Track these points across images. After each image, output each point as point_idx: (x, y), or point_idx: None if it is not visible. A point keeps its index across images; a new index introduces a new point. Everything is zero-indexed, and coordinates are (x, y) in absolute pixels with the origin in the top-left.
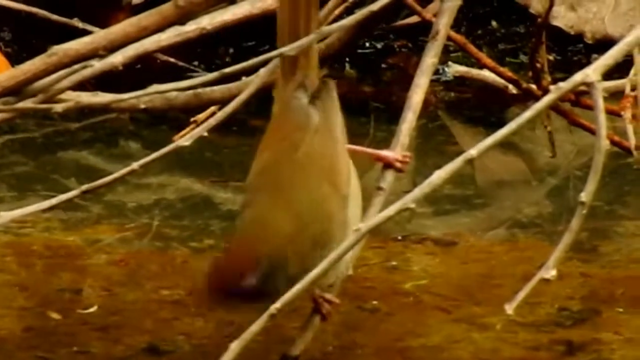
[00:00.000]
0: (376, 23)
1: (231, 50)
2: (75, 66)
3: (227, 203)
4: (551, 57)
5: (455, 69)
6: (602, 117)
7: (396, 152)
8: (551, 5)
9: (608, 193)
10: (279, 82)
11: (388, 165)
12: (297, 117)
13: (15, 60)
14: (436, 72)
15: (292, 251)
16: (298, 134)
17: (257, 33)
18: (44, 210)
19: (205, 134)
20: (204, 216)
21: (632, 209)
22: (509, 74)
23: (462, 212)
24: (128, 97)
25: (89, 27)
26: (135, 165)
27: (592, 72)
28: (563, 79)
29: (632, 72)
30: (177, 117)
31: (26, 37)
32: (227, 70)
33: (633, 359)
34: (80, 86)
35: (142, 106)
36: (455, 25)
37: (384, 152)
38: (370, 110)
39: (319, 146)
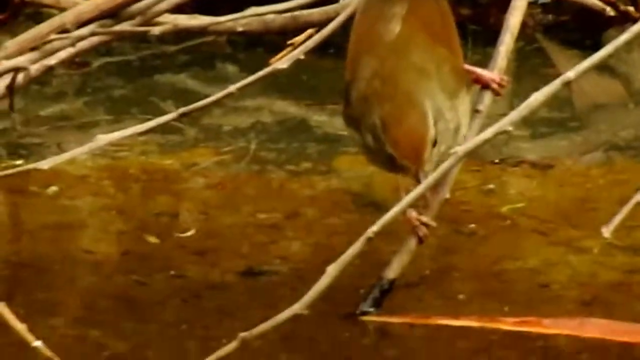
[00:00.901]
0: None
1: None
2: None
3: (323, 126)
4: None
5: None
6: None
7: (494, 74)
8: None
9: None
10: None
11: (485, 86)
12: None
13: None
14: None
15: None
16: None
17: None
18: (141, 134)
19: (302, 56)
20: (300, 139)
21: None
22: None
23: (558, 135)
24: (225, 20)
25: None
26: (232, 88)
27: None
28: None
29: None
30: (273, 40)
31: None
32: None
33: None
34: (178, 9)
35: (240, 29)
36: None
37: (483, 72)
38: (467, 32)
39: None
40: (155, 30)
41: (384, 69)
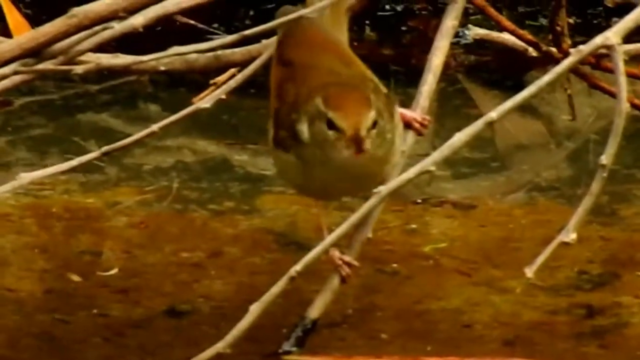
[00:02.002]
0: None
1: (251, 13)
2: (96, 28)
3: (245, 165)
4: (571, 20)
5: (475, 31)
6: (623, 80)
7: (417, 114)
8: None
9: (627, 156)
10: None
11: (408, 126)
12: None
13: (35, 22)
14: (456, 34)
15: None
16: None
17: None
18: (63, 172)
19: (223, 96)
20: (222, 178)
21: None
22: (529, 36)
23: (481, 176)
24: (148, 59)
25: None
26: (154, 127)
27: (612, 35)
28: (583, 42)
29: None
30: (195, 79)
31: None
32: (247, 32)
33: None
34: (101, 48)
35: (162, 68)
36: None
37: (405, 112)
38: (390, 73)
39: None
40: (78, 69)
41: (309, 80)
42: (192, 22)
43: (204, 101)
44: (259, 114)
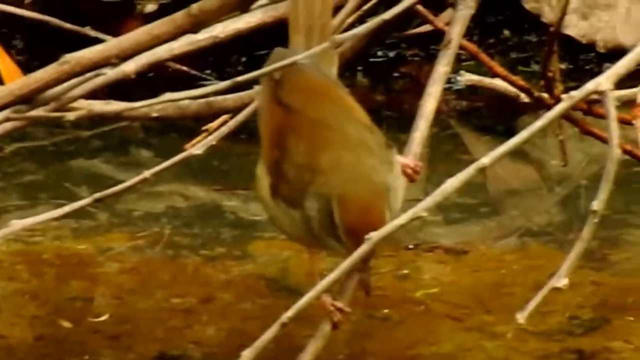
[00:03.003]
0: (388, 32)
1: (243, 59)
2: (88, 74)
3: (236, 211)
4: (563, 66)
5: (467, 77)
6: (614, 126)
7: (409, 160)
8: (563, 14)
9: (618, 202)
10: None
11: None
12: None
13: (27, 68)
14: (448, 80)
15: None
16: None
17: (270, 41)
18: (55, 219)
19: (214, 142)
20: (213, 224)
21: None
22: (521, 82)
23: (472, 221)
24: (140, 106)
25: (101, 36)
26: (147, 173)
27: (604, 81)
28: (575, 88)
29: None
30: (187, 125)
31: (38, 46)
32: (240, 78)
33: None
34: (93, 95)
35: (155, 114)
36: (468, 34)
37: (397, 158)
38: (382, 118)
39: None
40: (70, 115)
41: (320, 141)
42: (184, 68)
43: (196, 147)
44: (250, 159)
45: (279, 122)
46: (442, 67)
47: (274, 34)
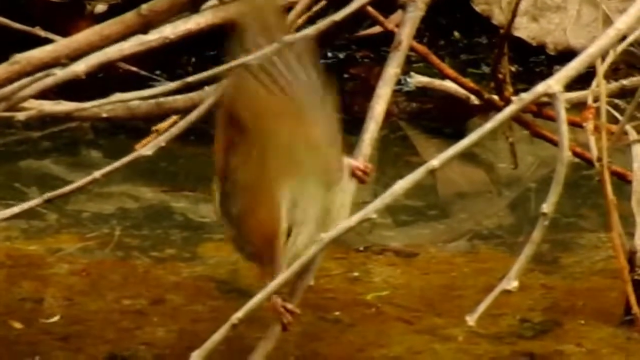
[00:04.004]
0: (338, 33)
1: (193, 60)
2: (38, 74)
3: (186, 212)
4: (513, 68)
5: (417, 79)
6: (565, 128)
7: (359, 162)
8: (513, 17)
9: (569, 205)
10: None
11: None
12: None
13: None
14: (398, 82)
15: None
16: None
17: (219, 42)
18: (6, 219)
19: (163, 143)
20: (163, 226)
21: (592, 221)
22: (471, 84)
23: (422, 224)
24: (90, 106)
25: (51, 36)
26: (97, 174)
27: (554, 83)
28: (525, 90)
29: (594, 83)
30: (136, 126)
31: None
32: (190, 79)
33: None
34: (43, 95)
35: (104, 115)
36: (418, 36)
37: (347, 160)
38: None
39: None
40: (21, 115)
41: (250, 154)
42: (134, 69)
43: (146, 148)
44: (199, 161)
45: (230, 138)
46: (392, 69)
47: (224, 35)
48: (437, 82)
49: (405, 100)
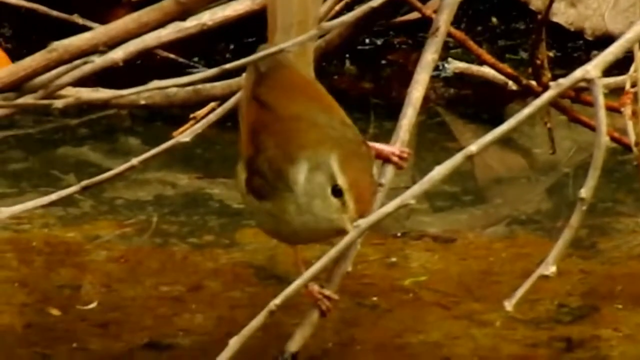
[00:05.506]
0: (376, 19)
1: (231, 46)
2: (76, 62)
3: (223, 199)
4: (551, 54)
5: (455, 65)
6: (602, 114)
7: (396, 148)
8: (551, 2)
9: (607, 190)
10: None
11: (387, 160)
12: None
13: (15, 56)
14: (436, 68)
15: None
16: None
17: (258, 29)
18: (43, 207)
19: (200, 130)
20: (200, 212)
21: (631, 206)
22: (509, 70)
23: (460, 209)
24: (128, 93)
25: (89, 23)
26: (134, 161)
27: (592, 69)
28: (563, 76)
29: (632, 68)
30: (174, 113)
31: (26, 33)
32: (227, 66)
33: (632, 355)
34: (81, 82)
35: (142, 102)
36: (455, 22)
37: (383, 147)
38: (369, 106)
39: None
40: (58, 103)
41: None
42: (172, 56)
43: (184, 135)
44: (236, 148)
45: (255, 120)
46: (429, 55)
47: (262, 21)
48: (474, 68)
49: (442, 86)
